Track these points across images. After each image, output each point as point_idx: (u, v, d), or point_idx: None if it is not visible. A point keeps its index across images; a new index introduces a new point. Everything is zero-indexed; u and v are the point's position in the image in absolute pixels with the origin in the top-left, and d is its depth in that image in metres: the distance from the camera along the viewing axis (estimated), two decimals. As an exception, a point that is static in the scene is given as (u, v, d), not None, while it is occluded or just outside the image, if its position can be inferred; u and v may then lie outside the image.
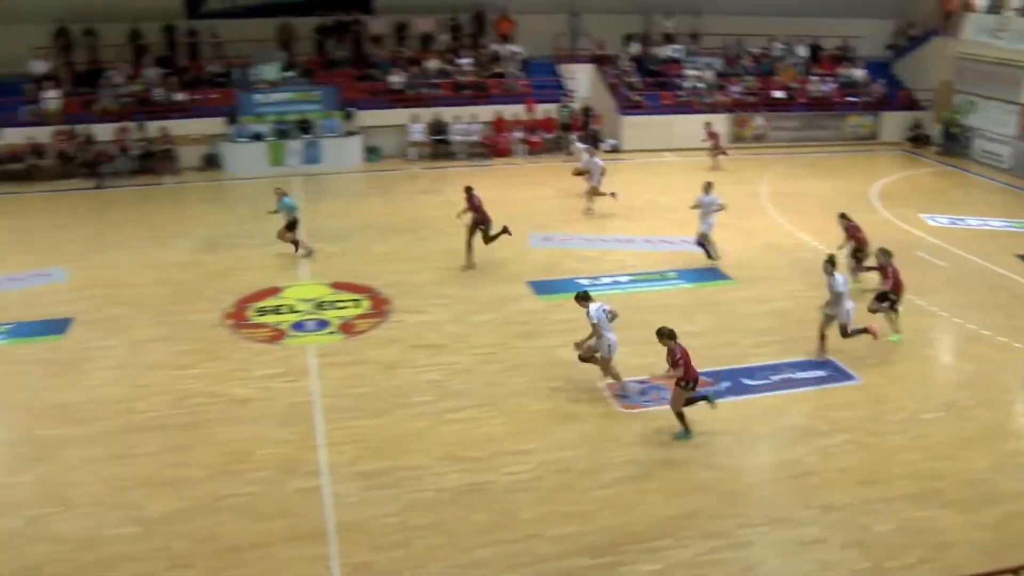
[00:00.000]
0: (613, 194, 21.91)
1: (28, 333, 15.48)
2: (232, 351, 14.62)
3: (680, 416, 11.79)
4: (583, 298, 12.83)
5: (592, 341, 12.80)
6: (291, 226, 18.82)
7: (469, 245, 18.00)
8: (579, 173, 23.02)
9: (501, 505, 10.51)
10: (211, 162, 27.14)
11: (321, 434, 12.07)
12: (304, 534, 10.07)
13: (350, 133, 27.71)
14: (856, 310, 14.10)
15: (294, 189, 24.15)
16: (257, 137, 26.86)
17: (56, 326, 15.66)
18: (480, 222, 17.90)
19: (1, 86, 27.07)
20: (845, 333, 13.97)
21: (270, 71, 28.03)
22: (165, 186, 25.81)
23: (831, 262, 13.84)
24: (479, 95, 29.23)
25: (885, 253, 14.89)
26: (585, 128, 28.73)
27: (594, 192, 22.12)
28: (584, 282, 16.92)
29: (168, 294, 16.98)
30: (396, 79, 28.78)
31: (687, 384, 11.57)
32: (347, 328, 15.40)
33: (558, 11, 30.94)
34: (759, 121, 30.80)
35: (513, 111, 29.29)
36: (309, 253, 19.01)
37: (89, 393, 13.35)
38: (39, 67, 27.37)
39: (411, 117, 28.06)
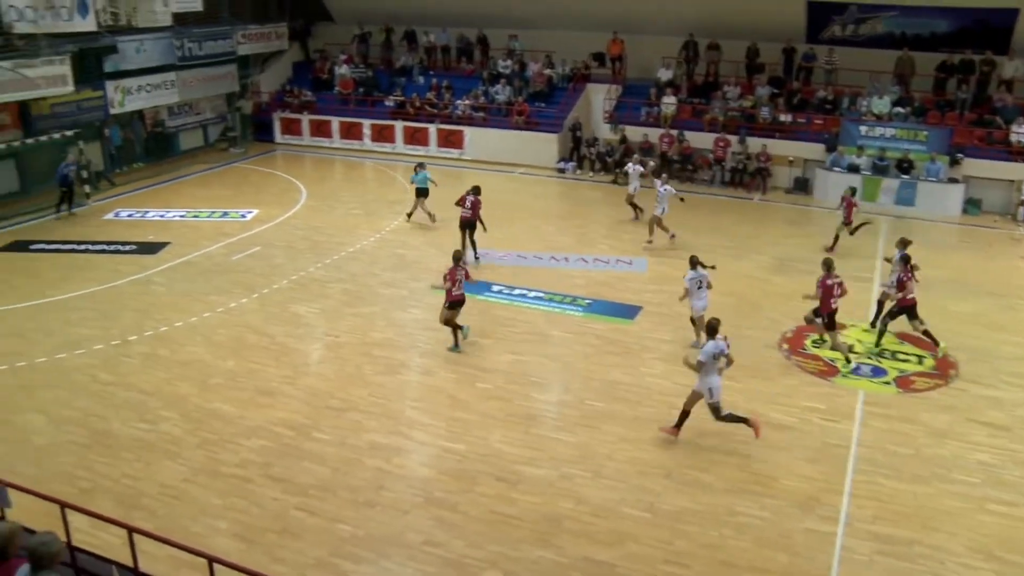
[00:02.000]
0: (672, 236, 21.22)
1: (602, 311, 17.06)
2: (781, 375, 14.58)
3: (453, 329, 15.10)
4: (711, 330, 12.18)
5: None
6: (419, 193, 22.49)
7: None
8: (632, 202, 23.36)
9: (1036, 625, 9.18)
10: (801, 186, 27.14)
11: (848, 482, 11.56)
12: (803, 575, 9.75)
13: (952, 180, 25.75)
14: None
15: (880, 228, 23.13)
16: (853, 169, 26.15)
17: (627, 311, 17.03)
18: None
19: (633, 88, 30.77)
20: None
21: (880, 104, 27.13)
22: (752, 201, 26.45)
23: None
24: (1121, 157, 25.30)
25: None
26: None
27: (657, 223, 21.09)
28: None
29: (732, 305, 17.31)
30: (1020, 130, 26.11)
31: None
32: (904, 383, 14.43)
33: None
34: None
35: None
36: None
37: (639, 379, 14.35)
38: (664, 74, 30.10)
39: (1028, 174, 25.21)
